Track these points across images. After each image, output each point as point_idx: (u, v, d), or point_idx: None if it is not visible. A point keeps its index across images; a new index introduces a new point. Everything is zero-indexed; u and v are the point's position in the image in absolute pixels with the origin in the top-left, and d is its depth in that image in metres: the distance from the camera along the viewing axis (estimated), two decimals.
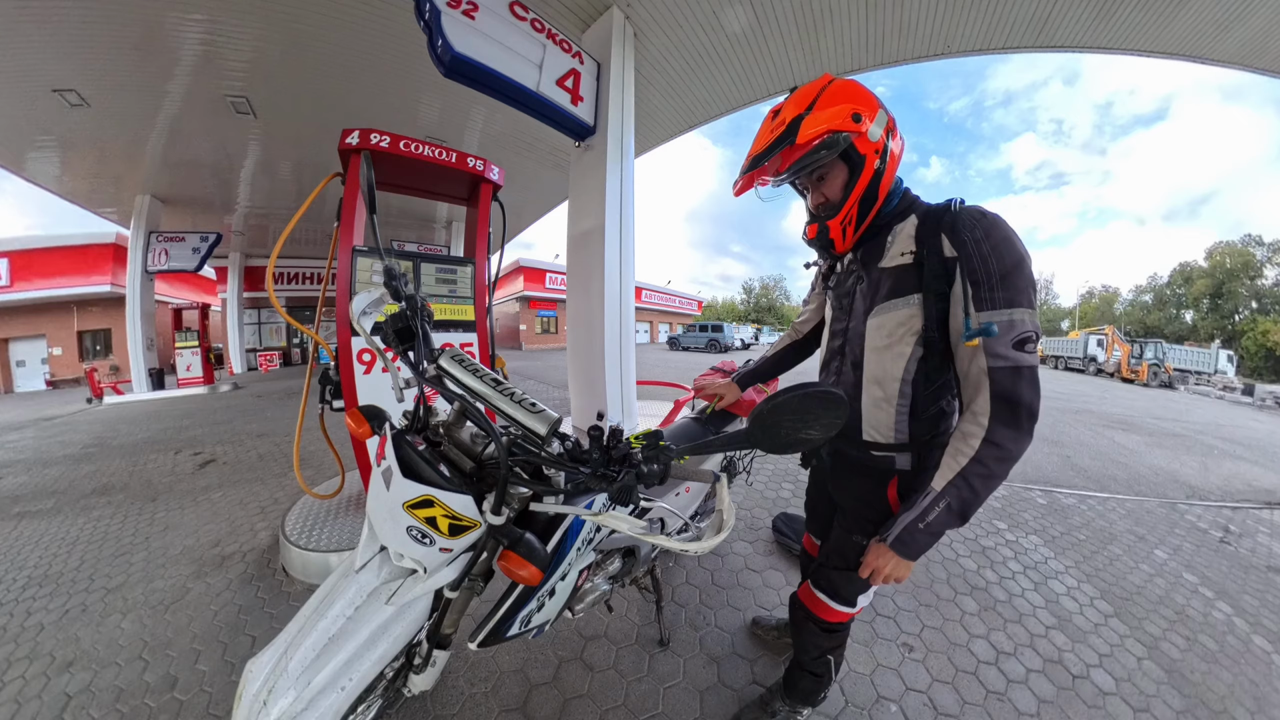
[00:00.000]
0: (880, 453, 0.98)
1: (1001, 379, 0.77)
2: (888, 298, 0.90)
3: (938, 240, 0.83)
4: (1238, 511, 3.26)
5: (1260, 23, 3.84)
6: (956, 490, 0.81)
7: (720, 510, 0.68)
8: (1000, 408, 0.77)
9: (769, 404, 0.55)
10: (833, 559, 1.11)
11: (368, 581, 0.83)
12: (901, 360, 0.90)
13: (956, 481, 0.81)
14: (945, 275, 0.81)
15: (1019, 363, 0.76)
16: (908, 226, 0.89)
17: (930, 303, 0.83)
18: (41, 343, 13.63)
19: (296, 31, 4.14)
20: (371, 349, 1.87)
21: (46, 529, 2.67)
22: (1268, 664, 1.65)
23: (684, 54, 4.26)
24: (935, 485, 0.84)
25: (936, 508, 0.83)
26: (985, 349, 0.77)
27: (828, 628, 1.14)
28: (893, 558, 0.90)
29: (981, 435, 0.79)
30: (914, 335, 0.87)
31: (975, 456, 0.79)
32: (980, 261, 0.78)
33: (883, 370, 0.93)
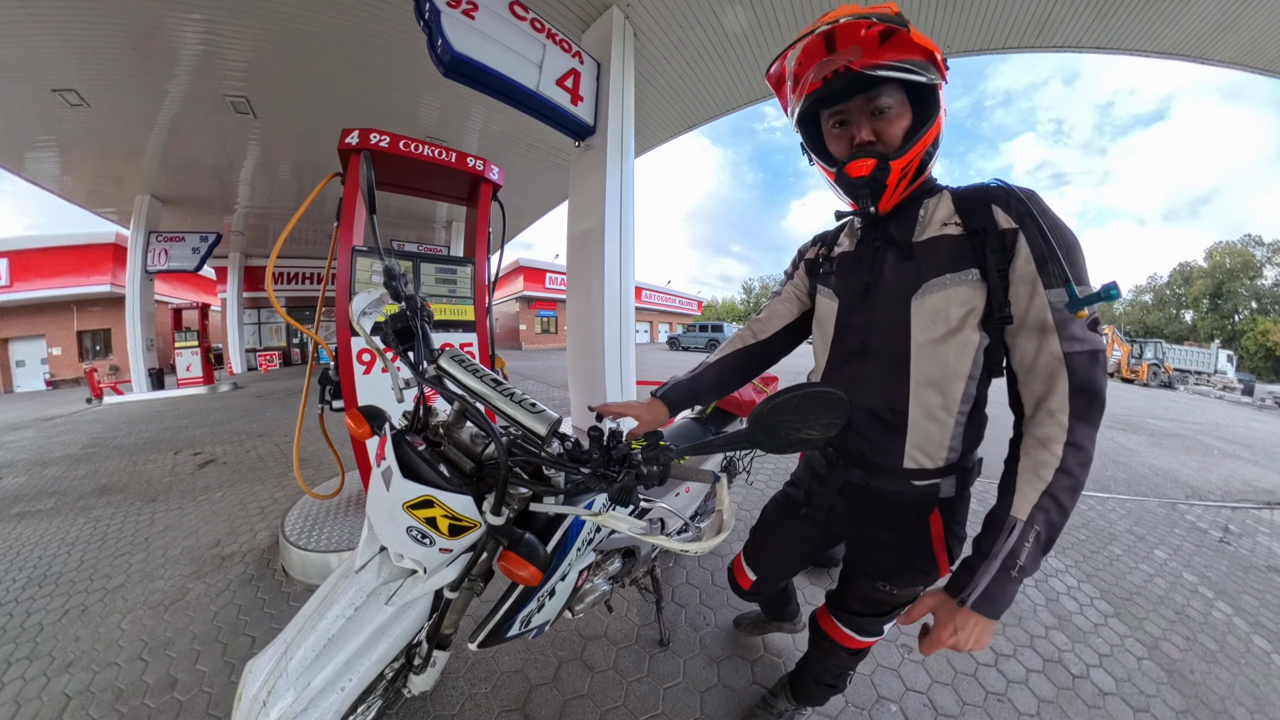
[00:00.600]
0: (924, 481, 0.80)
1: (1080, 366, 0.65)
2: (938, 273, 0.73)
3: (988, 212, 0.71)
4: (1237, 511, 3.26)
5: (1260, 23, 3.84)
6: (1045, 515, 0.65)
7: (720, 510, 0.68)
8: (1080, 402, 0.65)
9: (769, 404, 0.55)
10: (856, 605, 0.99)
11: (367, 582, 0.83)
12: (969, 351, 0.73)
13: (1044, 503, 0.65)
14: (1003, 249, 0.69)
15: (1096, 346, 0.65)
16: (942, 200, 0.77)
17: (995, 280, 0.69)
18: (41, 343, 13.62)
19: (296, 31, 4.14)
20: (371, 349, 1.87)
21: (46, 529, 2.67)
22: (1267, 664, 1.65)
23: (684, 54, 4.26)
24: (1017, 513, 0.67)
25: (1026, 543, 0.65)
26: (1060, 331, 0.66)
27: (854, 652, 1.06)
28: (977, 622, 0.68)
29: (1064, 439, 0.65)
30: (978, 316, 0.72)
31: (1061, 467, 0.65)
32: (1048, 233, 0.67)
33: (943, 367, 0.74)
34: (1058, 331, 0.66)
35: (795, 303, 1.04)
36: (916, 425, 0.77)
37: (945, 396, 0.75)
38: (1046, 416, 0.67)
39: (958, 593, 0.70)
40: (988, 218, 0.71)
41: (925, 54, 0.69)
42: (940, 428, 0.77)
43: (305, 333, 2.03)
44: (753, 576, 1.23)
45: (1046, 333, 0.67)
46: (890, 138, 0.73)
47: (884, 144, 0.74)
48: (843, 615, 1.02)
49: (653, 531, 0.68)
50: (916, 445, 0.78)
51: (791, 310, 1.04)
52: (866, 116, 0.74)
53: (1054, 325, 0.66)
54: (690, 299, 40.40)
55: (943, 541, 0.83)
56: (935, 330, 0.74)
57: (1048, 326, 0.66)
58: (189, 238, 8.54)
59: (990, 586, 0.67)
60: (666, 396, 1.04)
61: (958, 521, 0.84)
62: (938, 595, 0.73)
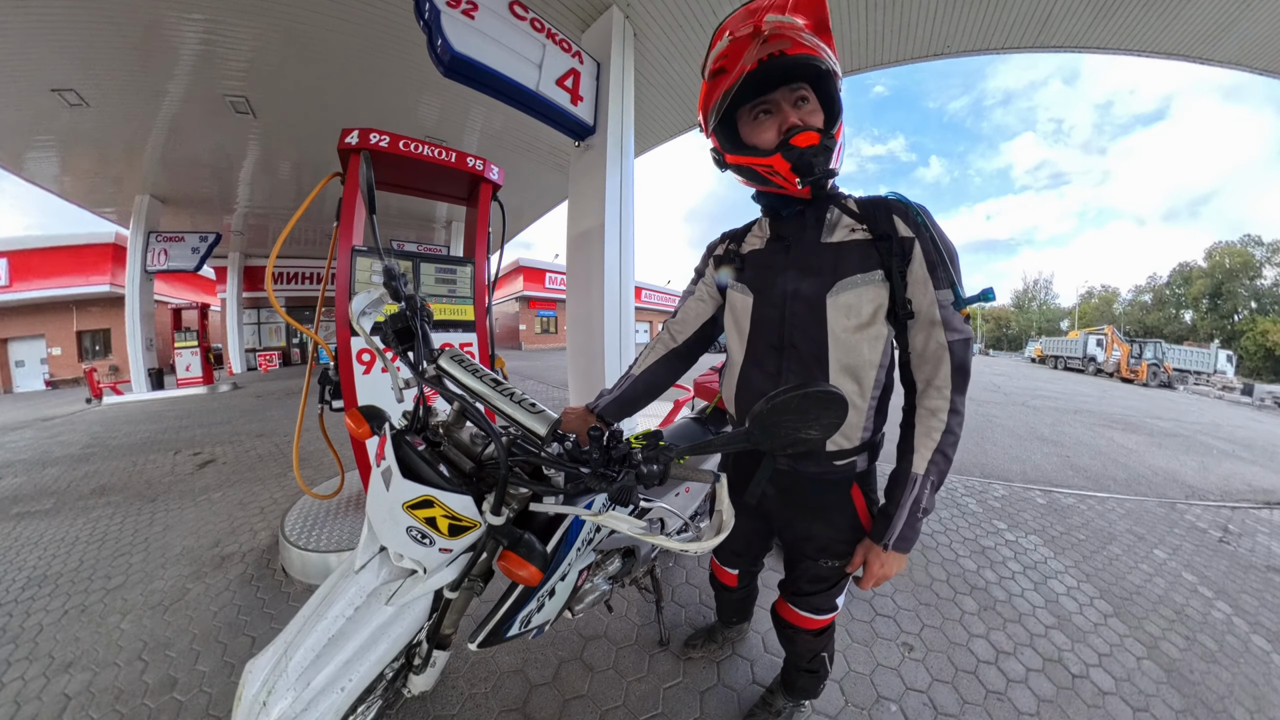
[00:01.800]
0: (843, 461, 0.92)
1: (959, 351, 0.82)
2: (849, 273, 0.83)
3: (890, 221, 0.83)
4: (1237, 511, 3.27)
5: (1260, 23, 3.84)
6: (936, 466, 0.84)
7: (720, 510, 0.68)
8: (958, 378, 0.82)
9: (768, 403, 0.55)
10: (806, 586, 1.07)
11: (367, 582, 0.83)
12: (880, 343, 0.85)
13: (935, 458, 0.83)
14: (903, 255, 0.82)
15: (968, 335, 0.83)
16: (847, 205, 0.87)
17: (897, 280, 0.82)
18: (41, 343, 13.62)
19: (296, 31, 4.14)
20: (371, 349, 1.86)
21: (46, 529, 2.67)
22: (1267, 663, 1.65)
23: (684, 54, 4.25)
24: (917, 469, 0.84)
25: (926, 490, 0.84)
26: (945, 324, 0.81)
27: (816, 632, 1.12)
28: (894, 558, 0.89)
29: (948, 407, 0.83)
30: (884, 312, 0.85)
31: (946, 428, 0.83)
32: (938, 243, 0.81)
33: (858, 357, 0.85)
34: (944, 325, 0.81)
35: (709, 300, 1.09)
36: None
37: (860, 384, 0.86)
38: (935, 392, 0.83)
39: (880, 539, 0.88)
40: (891, 226, 0.82)
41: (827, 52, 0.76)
42: (857, 413, 0.87)
43: (305, 333, 2.03)
44: (734, 572, 1.33)
45: (935, 326, 0.82)
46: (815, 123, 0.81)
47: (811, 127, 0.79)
48: (797, 599, 1.09)
49: (652, 531, 0.68)
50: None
51: (707, 308, 1.10)
52: (791, 105, 0.81)
53: (941, 320, 0.81)
54: None
55: (865, 508, 0.96)
56: (849, 324, 0.84)
57: (936, 321, 0.81)
58: (188, 238, 8.54)
59: (904, 530, 0.86)
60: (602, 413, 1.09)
61: (872, 489, 0.98)
62: (865, 544, 0.92)
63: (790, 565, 1.12)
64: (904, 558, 0.89)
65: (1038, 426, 6.16)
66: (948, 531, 2.54)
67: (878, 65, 4.54)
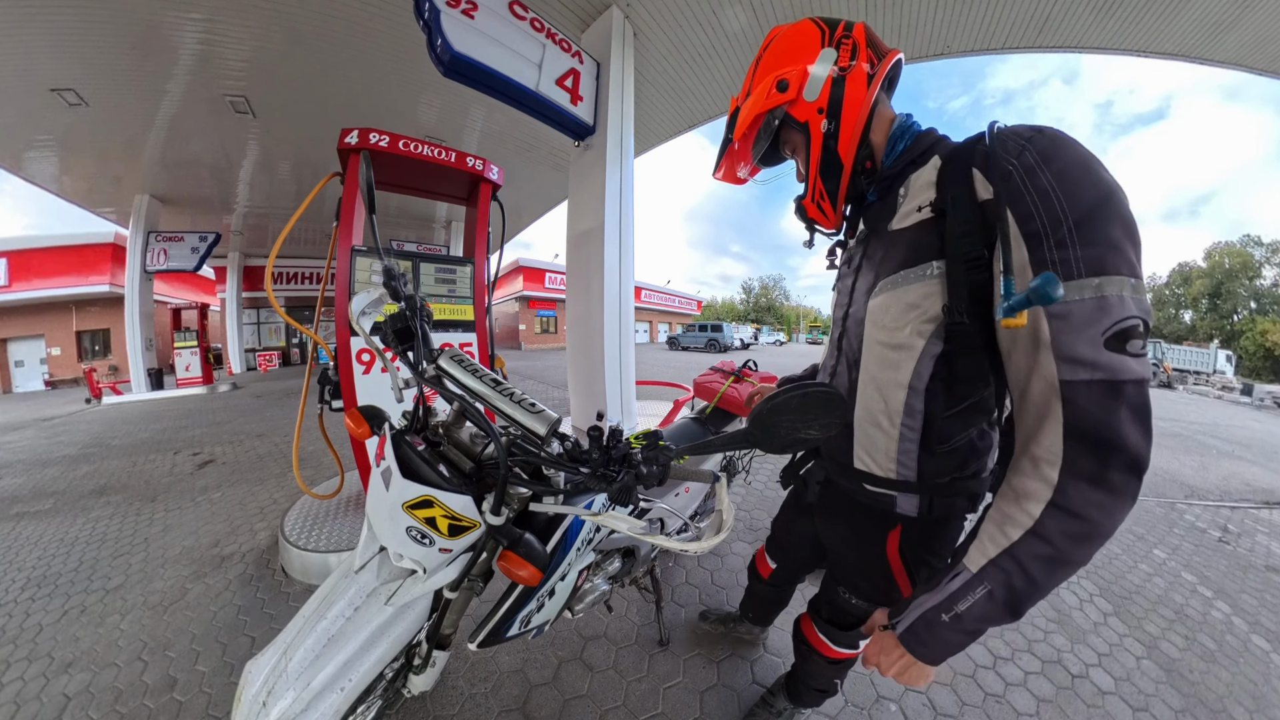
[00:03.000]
0: (876, 488, 0.75)
1: (1085, 403, 0.47)
2: (899, 267, 0.64)
3: (967, 179, 0.55)
4: (1236, 511, 3.27)
5: (1260, 23, 3.84)
6: (1004, 575, 0.53)
7: (720, 510, 0.68)
8: (1080, 453, 0.47)
9: (768, 404, 0.54)
10: (824, 610, 0.98)
11: (367, 582, 0.83)
12: (910, 359, 0.63)
13: (1003, 563, 0.53)
14: (981, 230, 0.54)
15: (1116, 373, 0.45)
16: (927, 171, 0.63)
17: (959, 273, 0.56)
18: (40, 343, 13.60)
19: (296, 31, 4.13)
20: (370, 349, 1.86)
21: (45, 530, 2.67)
22: (1266, 663, 1.65)
23: (683, 53, 4.25)
24: (969, 564, 0.57)
25: (972, 595, 0.55)
26: (1054, 348, 0.47)
27: (834, 662, 1.04)
28: (901, 655, 0.62)
29: (1047, 497, 0.49)
30: (930, 323, 0.60)
31: (1034, 529, 0.51)
32: (1038, 201, 0.48)
33: (885, 373, 0.67)
34: (1053, 348, 0.47)
35: None
36: (861, 427, 0.74)
37: (886, 404, 0.69)
38: (1030, 464, 0.52)
39: (894, 617, 0.65)
40: (964, 188, 0.56)
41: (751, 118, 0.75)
42: (884, 436, 0.71)
43: (304, 332, 2.03)
44: (773, 565, 1.29)
45: (1041, 348, 0.49)
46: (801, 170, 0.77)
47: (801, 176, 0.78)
48: (818, 621, 1.01)
49: (652, 531, 0.68)
50: (863, 446, 0.75)
51: None
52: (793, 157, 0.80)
53: (1049, 338, 0.47)
54: (690, 299, 40.41)
55: (900, 561, 0.77)
56: (881, 333, 0.67)
57: (1042, 340, 0.48)
58: (188, 237, 8.53)
59: (918, 622, 0.60)
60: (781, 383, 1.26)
61: (929, 549, 0.76)
62: (883, 611, 0.70)
63: (824, 584, 1.02)
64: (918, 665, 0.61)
65: None
66: None
67: None
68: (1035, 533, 0.51)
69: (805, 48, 0.70)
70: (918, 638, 0.60)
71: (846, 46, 0.69)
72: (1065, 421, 0.48)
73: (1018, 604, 0.53)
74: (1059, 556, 0.49)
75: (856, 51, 0.68)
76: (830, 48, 0.69)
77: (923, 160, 0.66)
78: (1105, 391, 0.46)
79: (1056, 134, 0.52)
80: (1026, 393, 0.52)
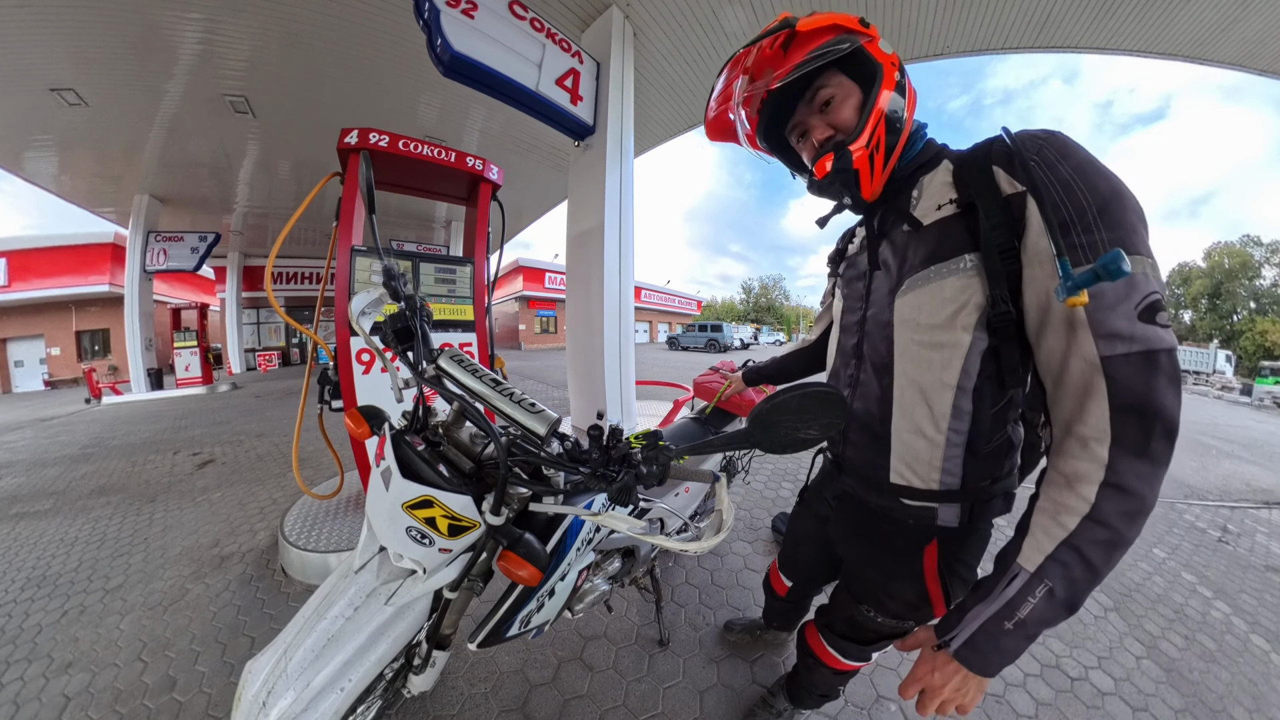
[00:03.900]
0: (916, 502, 0.70)
1: (1126, 376, 0.48)
2: (925, 264, 0.63)
3: (989, 176, 0.57)
4: (1236, 511, 3.27)
5: (1259, 24, 3.85)
6: (1063, 569, 0.52)
7: (719, 510, 0.68)
8: (1128, 426, 0.48)
9: (767, 404, 0.54)
10: (838, 625, 0.93)
11: (367, 582, 0.83)
12: (958, 356, 0.61)
13: (1061, 555, 0.52)
14: (1009, 223, 0.55)
15: (1152, 344, 0.48)
16: (940, 174, 0.65)
17: (995, 264, 0.56)
18: (40, 343, 13.60)
19: (295, 31, 4.13)
20: (370, 349, 1.86)
21: (45, 530, 2.67)
22: (1266, 663, 1.65)
23: (683, 53, 4.25)
24: (1024, 562, 0.55)
25: (1033, 597, 0.53)
26: (1093, 326, 0.49)
27: (838, 673, 1.02)
28: (959, 674, 0.58)
29: (1100, 477, 0.49)
30: (975, 313, 0.59)
31: (1091, 514, 0.50)
32: (1062, 191, 0.52)
33: (927, 374, 0.64)
34: (1090, 326, 0.49)
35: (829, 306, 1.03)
36: (900, 438, 0.70)
37: (932, 407, 0.65)
38: (1078, 446, 0.52)
39: (945, 634, 0.61)
40: (988, 184, 0.57)
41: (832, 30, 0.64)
42: (929, 445, 0.66)
43: (304, 332, 2.03)
44: (788, 583, 1.25)
45: (1077, 328, 0.50)
46: (845, 122, 0.68)
47: (843, 132, 0.68)
48: (828, 634, 0.97)
49: (652, 531, 0.68)
50: (902, 459, 0.70)
51: (828, 313, 1.06)
52: (817, 115, 0.71)
53: (1084, 317, 0.50)
54: (690, 299, 40.42)
55: (937, 576, 0.73)
56: (919, 332, 0.64)
57: (1078, 319, 0.50)
58: (188, 237, 8.53)
59: (977, 635, 0.57)
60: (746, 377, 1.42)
61: (962, 560, 0.73)
62: (929, 630, 0.65)
63: (835, 595, 0.96)
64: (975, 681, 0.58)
65: None
66: None
67: None
68: (1093, 517, 0.50)
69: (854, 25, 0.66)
70: (978, 651, 0.57)
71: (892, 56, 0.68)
72: (1110, 397, 0.49)
73: (1077, 597, 0.52)
74: (1116, 538, 0.50)
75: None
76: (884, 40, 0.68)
77: (932, 164, 0.67)
78: (1144, 362, 0.48)
79: (1065, 136, 0.56)
80: (1064, 375, 0.53)
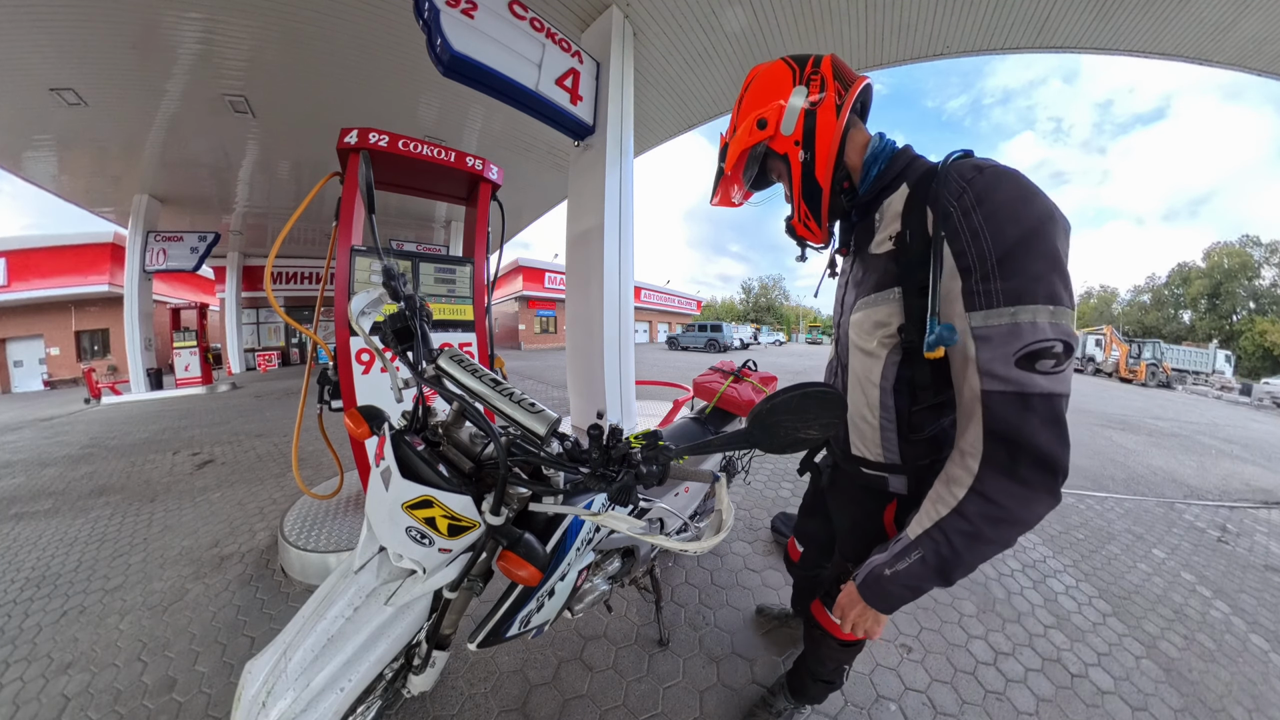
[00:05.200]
0: (871, 471, 0.86)
1: (999, 410, 0.56)
2: (871, 291, 0.75)
3: (922, 214, 0.64)
4: (1235, 511, 3.27)
5: (1259, 24, 3.85)
6: (934, 544, 0.64)
7: (719, 510, 0.68)
8: (996, 450, 0.57)
9: (767, 404, 0.55)
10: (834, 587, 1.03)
11: (367, 582, 0.83)
12: (878, 365, 0.75)
13: (934, 534, 0.65)
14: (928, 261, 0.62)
15: (1025, 388, 0.54)
16: (896, 201, 0.71)
17: (912, 299, 0.66)
18: (39, 343, 13.58)
19: (295, 30, 4.13)
20: (370, 349, 1.86)
21: (44, 530, 2.67)
22: (1265, 662, 1.66)
23: (683, 53, 4.25)
24: (909, 532, 0.69)
25: (908, 558, 0.68)
26: (978, 363, 0.57)
27: (845, 644, 1.06)
28: (860, 604, 0.76)
29: (969, 484, 0.60)
30: (891, 338, 0.71)
31: (957, 509, 0.62)
32: (969, 239, 0.57)
33: (863, 374, 0.79)
34: (977, 363, 0.57)
35: None
36: (852, 419, 0.85)
37: (867, 399, 0.80)
38: (959, 455, 0.62)
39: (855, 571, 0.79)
40: (919, 223, 0.64)
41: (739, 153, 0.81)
42: (870, 427, 0.81)
43: (304, 332, 2.03)
44: (800, 549, 1.34)
45: (969, 362, 0.58)
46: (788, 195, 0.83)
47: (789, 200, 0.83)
48: (828, 600, 1.04)
49: (652, 531, 0.68)
50: (855, 434, 0.86)
51: None
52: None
53: (974, 355, 0.57)
54: (689, 299, 40.42)
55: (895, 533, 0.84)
56: (861, 340, 0.78)
57: (970, 355, 0.58)
58: (187, 237, 8.53)
59: (869, 576, 0.74)
60: None
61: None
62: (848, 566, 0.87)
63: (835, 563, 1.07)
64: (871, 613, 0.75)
65: None
66: None
67: (877, 65, 4.54)
68: (958, 512, 0.62)
69: (779, 86, 0.78)
70: (869, 589, 0.74)
71: (816, 81, 0.76)
72: (984, 423, 0.58)
73: (946, 571, 0.64)
74: (978, 534, 0.61)
75: (825, 85, 0.75)
76: (801, 85, 0.76)
77: (895, 186, 0.73)
78: (1016, 401, 0.55)
79: (995, 173, 0.59)
80: (960, 396, 0.63)
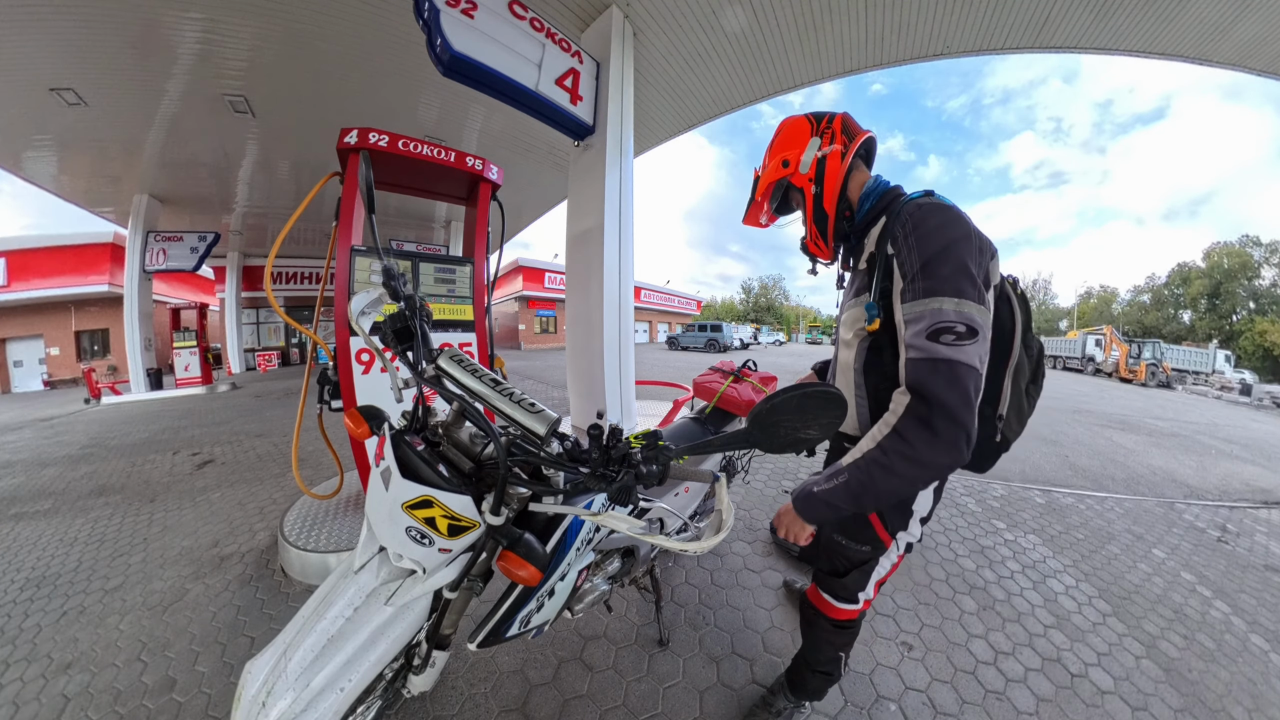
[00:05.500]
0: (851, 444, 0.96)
1: (915, 371, 0.76)
2: (853, 296, 0.98)
3: (886, 240, 0.85)
4: (1235, 511, 3.27)
5: (1259, 24, 3.85)
6: (857, 472, 0.80)
7: (719, 510, 0.68)
8: (916, 403, 0.75)
9: (767, 404, 0.55)
10: (821, 561, 1.13)
11: (367, 582, 0.83)
12: (853, 352, 0.96)
13: (860, 463, 0.80)
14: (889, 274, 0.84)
15: (932, 354, 0.74)
16: (875, 229, 0.91)
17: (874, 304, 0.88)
18: (39, 343, 13.58)
19: (295, 30, 4.13)
20: (370, 349, 1.86)
21: (44, 530, 2.67)
22: (1265, 662, 1.66)
23: (683, 53, 4.26)
24: (843, 461, 0.84)
25: (836, 480, 0.83)
26: (907, 339, 0.78)
27: (838, 624, 1.13)
28: (791, 512, 0.93)
29: (892, 424, 0.78)
30: (863, 332, 0.92)
31: (880, 444, 0.78)
32: (906, 254, 0.79)
33: (846, 360, 1.00)
34: (906, 340, 0.78)
35: None
36: None
37: (846, 379, 1.00)
38: (892, 406, 0.80)
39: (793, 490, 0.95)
40: (884, 246, 0.86)
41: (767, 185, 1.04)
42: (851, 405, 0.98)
43: (304, 332, 2.03)
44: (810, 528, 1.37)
45: (901, 342, 0.80)
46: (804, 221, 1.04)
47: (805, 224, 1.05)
48: (820, 577, 1.14)
49: (652, 531, 0.68)
50: None
51: None
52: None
53: (904, 333, 0.78)
54: (689, 299, 40.41)
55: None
56: (845, 333, 1.00)
57: (902, 334, 0.79)
58: (187, 237, 8.53)
59: (802, 490, 0.90)
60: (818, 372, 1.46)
61: None
62: None
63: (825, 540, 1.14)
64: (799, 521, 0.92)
65: (1036, 426, 6.15)
66: (946, 531, 2.54)
67: (877, 65, 4.54)
68: (880, 446, 0.78)
69: (800, 136, 1.01)
70: (801, 501, 0.90)
71: (828, 134, 0.98)
72: (905, 381, 0.78)
73: (860, 496, 0.81)
74: (889, 465, 0.77)
75: (835, 137, 0.97)
76: (817, 136, 0.99)
77: (878, 218, 0.92)
78: (926, 364, 0.75)
79: (930, 208, 0.81)
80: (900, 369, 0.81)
